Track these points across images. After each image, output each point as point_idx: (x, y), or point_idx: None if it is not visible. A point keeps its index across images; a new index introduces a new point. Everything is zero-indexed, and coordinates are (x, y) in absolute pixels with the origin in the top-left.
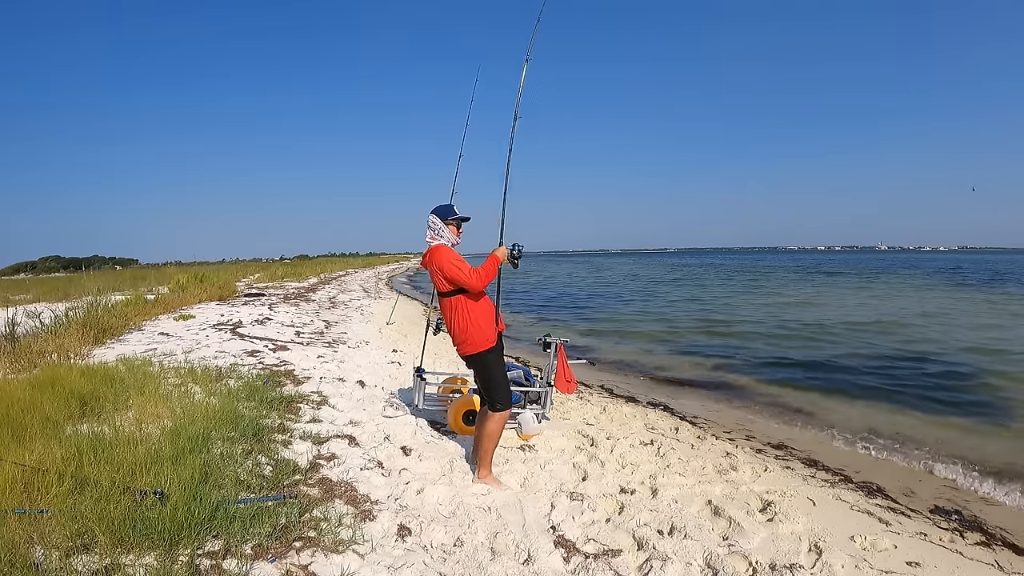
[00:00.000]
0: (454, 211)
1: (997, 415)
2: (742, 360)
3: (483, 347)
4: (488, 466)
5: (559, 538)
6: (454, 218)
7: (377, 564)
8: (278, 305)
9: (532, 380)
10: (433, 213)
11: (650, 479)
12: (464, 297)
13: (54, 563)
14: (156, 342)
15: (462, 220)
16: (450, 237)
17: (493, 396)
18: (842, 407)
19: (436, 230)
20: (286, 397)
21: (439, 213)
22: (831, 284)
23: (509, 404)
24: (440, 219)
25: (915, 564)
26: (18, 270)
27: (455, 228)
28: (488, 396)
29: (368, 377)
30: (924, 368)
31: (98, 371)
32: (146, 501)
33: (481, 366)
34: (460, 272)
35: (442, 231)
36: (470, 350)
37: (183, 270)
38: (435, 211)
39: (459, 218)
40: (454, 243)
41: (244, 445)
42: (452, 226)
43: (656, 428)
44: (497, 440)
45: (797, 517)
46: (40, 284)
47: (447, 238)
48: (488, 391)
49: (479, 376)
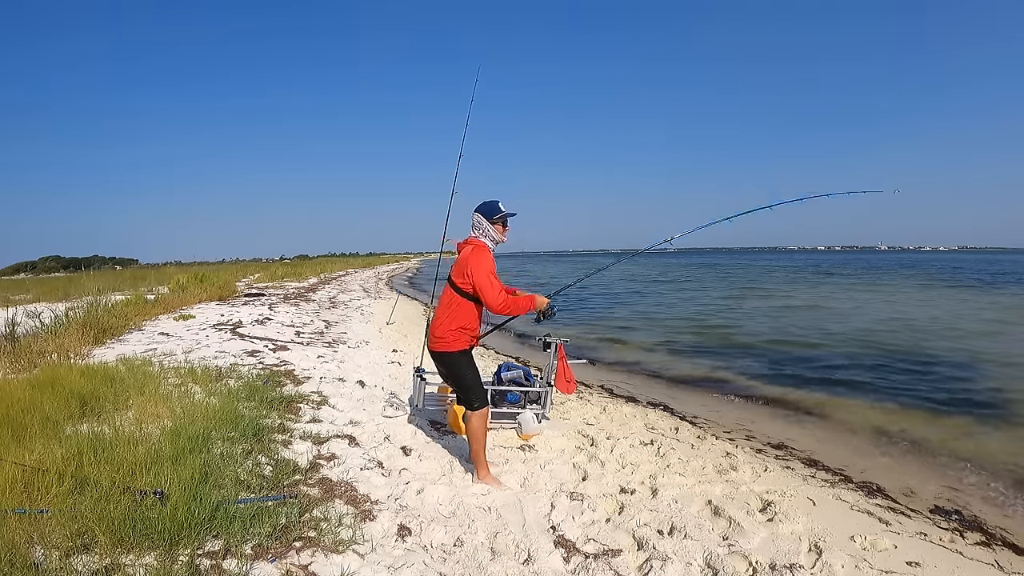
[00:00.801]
0: (500, 208)
1: (998, 415)
2: (742, 360)
3: (456, 348)
4: (484, 466)
5: (559, 538)
6: (499, 216)
7: (377, 564)
8: (278, 305)
9: (532, 380)
10: (477, 211)
11: (650, 479)
12: (471, 303)
13: (54, 563)
14: (156, 342)
15: (508, 216)
16: (496, 236)
17: (468, 396)
18: (842, 407)
19: (482, 230)
20: (286, 397)
21: (483, 211)
22: (831, 284)
23: (486, 401)
24: (485, 218)
25: (915, 564)
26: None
27: (500, 227)
28: (463, 396)
29: (368, 377)
30: (925, 368)
31: (98, 371)
32: (146, 501)
33: (453, 366)
34: (489, 289)
35: (488, 230)
36: (444, 347)
37: (183, 270)
38: (479, 209)
39: (505, 215)
40: (499, 242)
41: (244, 445)
42: (498, 225)
43: (656, 428)
44: (483, 438)
45: (797, 517)
46: (40, 284)
47: (492, 238)
48: (461, 391)
49: (450, 376)
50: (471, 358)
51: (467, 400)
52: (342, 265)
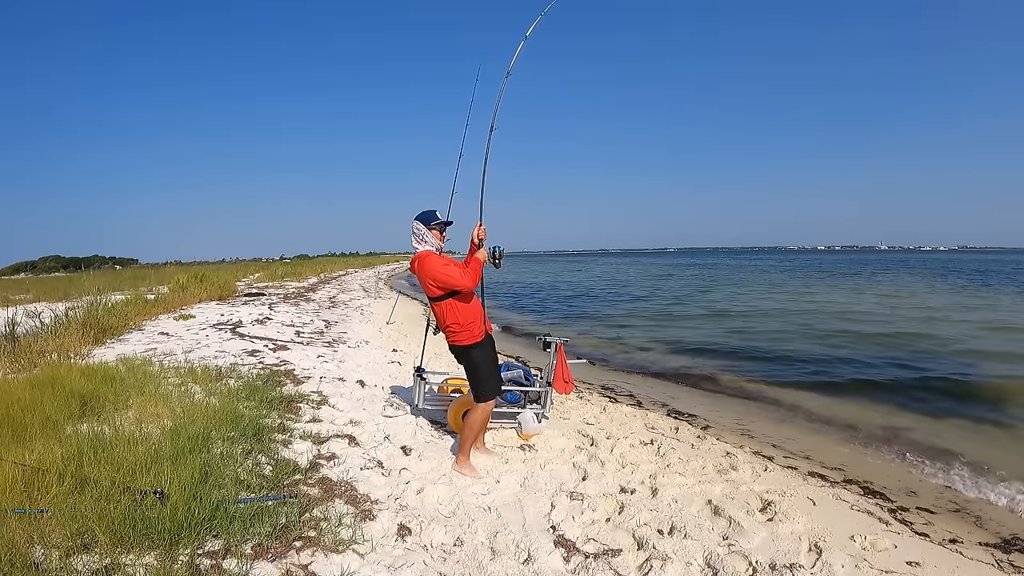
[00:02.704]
0: (436, 216)
1: (998, 415)
2: (742, 360)
3: (472, 341)
4: (465, 454)
5: (559, 538)
6: (436, 223)
7: (377, 564)
8: (278, 305)
9: (532, 380)
10: (416, 219)
11: (650, 479)
12: (455, 300)
13: (54, 563)
14: (156, 342)
15: (445, 225)
16: (433, 242)
17: (480, 387)
18: (843, 407)
19: (420, 236)
20: (286, 397)
21: (422, 219)
22: (831, 284)
23: (493, 396)
24: (423, 225)
25: (915, 564)
26: (18, 270)
27: (438, 233)
28: (476, 388)
29: (368, 377)
30: (925, 368)
31: (98, 371)
32: (146, 501)
33: (470, 359)
34: (451, 276)
35: (426, 236)
36: (462, 340)
37: (183, 270)
38: (418, 217)
39: (441, 223)
40: (438, 247)
41: (244, 445)
42: (435, 231)
43: (656, 428)
44: (477, 429)
45: (797, 517)
46: (40, 284)
47: (431, 243)
48: (476, 383)
49: (467, 368)
50: (487, 352)
51: (477, 392)
52: (342, 265)
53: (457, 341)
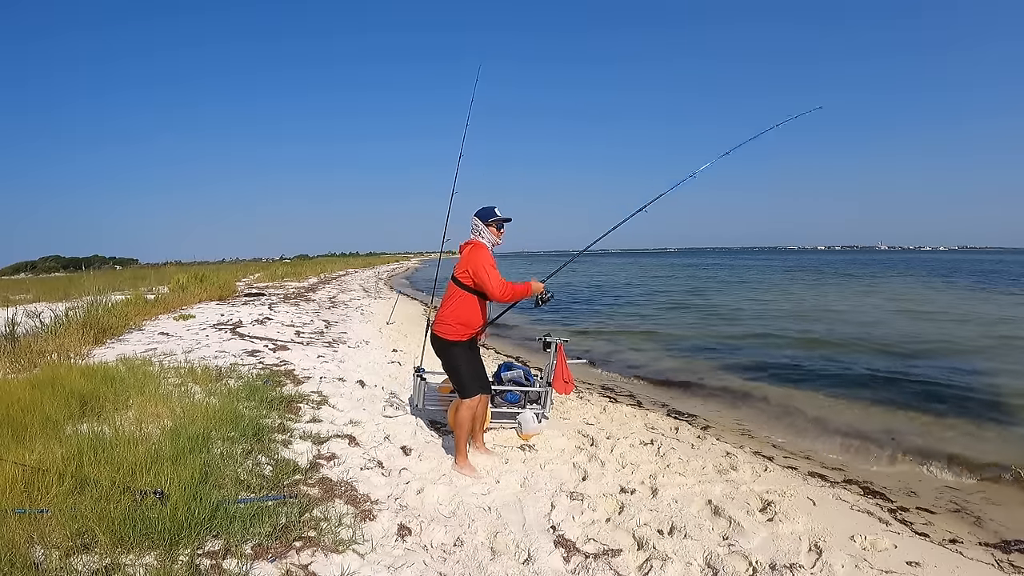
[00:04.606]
0: (495, 213)
1: (999, 416)
2: (742, 360)
3: (454, 338)
4: (462, 453)
5: (559, 538)
6: (494, 220)
7: (377, 564)
8: (278, 305)
9: (532, 380)
10: (475, 215)
11: (650, 479)
12: (475, 298)
13: (54, 563)
14: (156, 342)
15: (503, 221)
16: (490, 237)
17: (462, 384)
18: (842, 407)
19: (477, 231)
20: (286, 397)
21: (480, 215)
22: (831, 284)
23: (476, 392)
24: (481, 221)
25: (915, 564)
26: (18, 270)
27: (495, 229)
28: (456, 385)
29: (368, 377)
30: (925, 368)
31: (98, 371)
32: (146, 501)
33: (448, 355)
34: (489, 278)
35: (483, 232)
36: (441, 333)
37: (183, 270)
38: (477, 213)
39: (499, 219)
40: (495, 243)
41: (244, 445)
42: (492, 227)
43: (656, 428)
44: (467, 426)
45: (797, 517)
46: (40, 284)
47: (487, 239)
48: (456, 380)
49: (445, 364)
50: (464, 350)
51: (457, 388)
52: (342, 265)
53: (442, 333)
